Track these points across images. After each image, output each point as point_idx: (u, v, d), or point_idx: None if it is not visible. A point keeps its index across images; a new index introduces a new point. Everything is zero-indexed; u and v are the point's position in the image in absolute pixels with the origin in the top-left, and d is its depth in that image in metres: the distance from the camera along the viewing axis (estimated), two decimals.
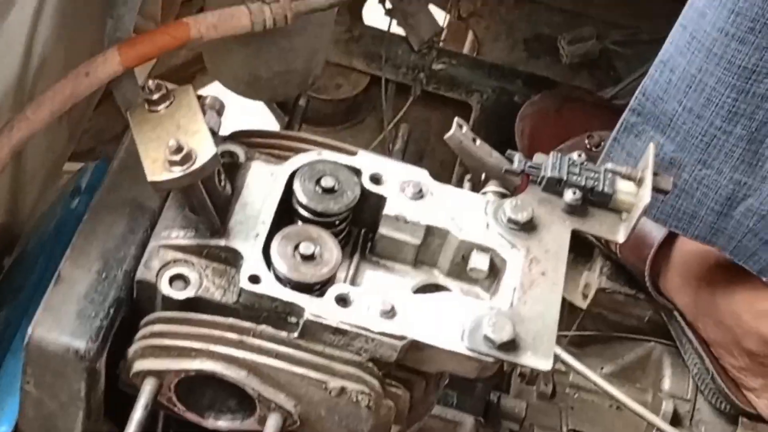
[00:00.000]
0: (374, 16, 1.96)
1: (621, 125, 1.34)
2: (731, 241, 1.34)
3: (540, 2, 1.97)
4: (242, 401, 1.03)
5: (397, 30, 1.95)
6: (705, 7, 1.20)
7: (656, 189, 1.05)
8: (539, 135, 1.76)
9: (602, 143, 1.68)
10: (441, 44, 1.98)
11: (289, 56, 1.42)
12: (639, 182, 1.07)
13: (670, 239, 1.52)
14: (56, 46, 1.33)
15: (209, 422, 1.06)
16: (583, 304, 1.66)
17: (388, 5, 1.93)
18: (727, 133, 1.25)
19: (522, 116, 1.79)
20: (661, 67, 1.28)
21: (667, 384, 1.61)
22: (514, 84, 1.94)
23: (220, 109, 1.08)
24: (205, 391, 1.04)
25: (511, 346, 0.97)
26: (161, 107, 1.02)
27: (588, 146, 1.67)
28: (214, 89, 1.76)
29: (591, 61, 1.96)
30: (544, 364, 0.97)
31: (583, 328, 1.68)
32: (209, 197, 1.02)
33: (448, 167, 2.00)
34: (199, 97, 1.08)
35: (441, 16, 2.05)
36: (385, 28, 1.94)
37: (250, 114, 1.51)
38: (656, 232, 1.51)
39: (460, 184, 1.85)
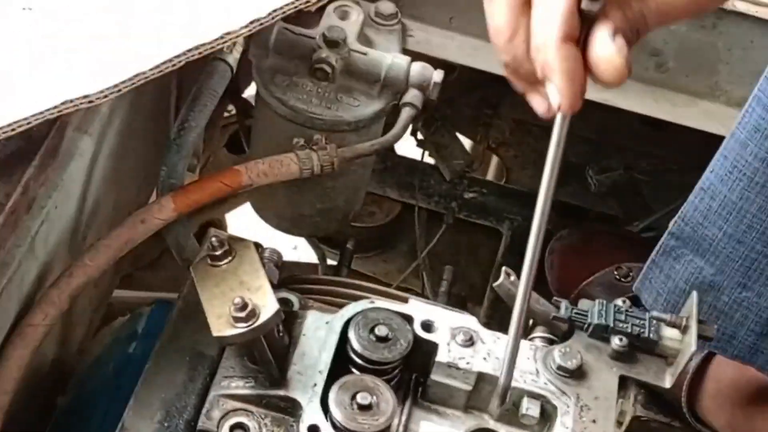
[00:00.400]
0: (406, 146, 2.01)
1: (660, 248, 1.37)
2: None
3: (567, 132, 2.01)
4: None
5: (429, 160, 2.00)
6: (747, 139, 1.26)
7: (701, 336, 1.08)
8: (568, 268, 1.79)
9: (630, 274, 1.71)
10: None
11: (332, 195, 1.46)
12: (683, 329, 1.10)
13: (705, 363, 1.54)
14: (107, 190, 1.39)
15: None
16: None
17: (420, 137, 1.98)
18: None
19: (551, 250, 1.82)
20: (701, 194, 1.32)
21: None
22: None
23: (278, 261, 1.12)
24: None
25: None
26: (224, 262, 1.06)
27: (617, 277, 1.71)
28: (246, 211, 1.81)
29: (619, 189, 2.00)
30: None
31: None
32: (269, 348, 1.05)
33: (478, 291, 2.03)
34: (257, 247, 1.12)
35: (469, 145, 2.10)
36: (417, 158, 1.99)
37: None
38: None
39: (492, 308, 1.89)
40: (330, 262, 1.99)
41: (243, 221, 2.18)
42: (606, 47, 0.88)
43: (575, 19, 0.88)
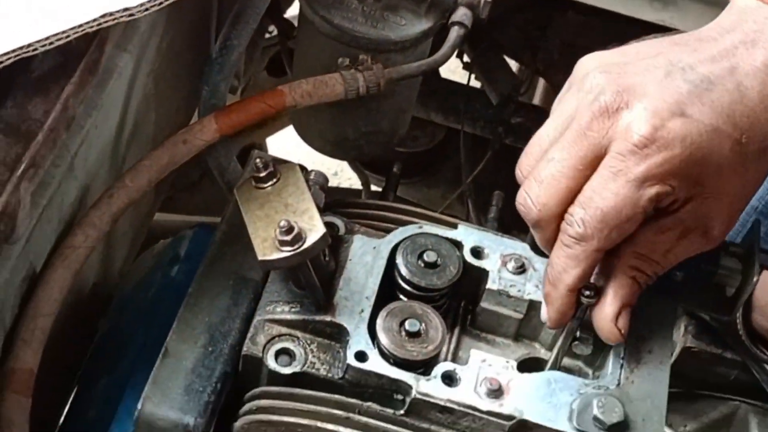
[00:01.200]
0: (452, 68, 1.97)
1: None
2: None
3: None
4: None
5: (476, 83, 1.95)
6: None
7: (763, 266, 1.04)
8: None
9: None
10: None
11: (376, 117, 1.43)
12: (744, 259, 1.06)
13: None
14: (147, 111, 1.36)
15: None
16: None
17: (466, 59, 1.93)
18: None
19: None
20: None
21: None
22: None
23: (324, 184, 1.09)
24: None
25: (621, 427, 0.97)
26: (268, 184, 1.03)
27: None
28: (287, 134, 1.78)
29: None
30: None
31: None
32: (314, 272, 1.02)
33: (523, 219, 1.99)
34: (302, 170, 1.09)
35: (516, 68, 2.04)
36: (463, 82, 1.94)
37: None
38: None
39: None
40: (373, 188, 1.95)
41: (283, 146, 2.16)
42: (607, 325, 0.98)
43: (589, 273, 0.97)
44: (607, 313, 0.98)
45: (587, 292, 0.97)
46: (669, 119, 0.91)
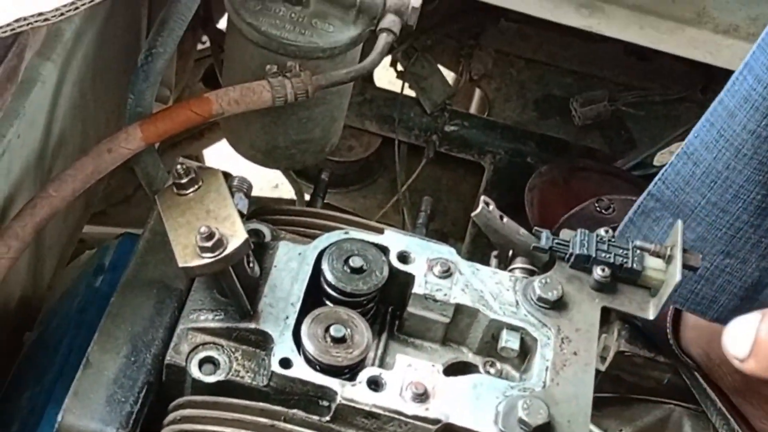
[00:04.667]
0: (386, 77, 1.97)
1: (638, 208, 1.34)
2: None
3: (550, 64, 1.98)
4: None
5: (410, 92, 1.96)
6: (736, 108, 1.21)
7: (686, 266, 1.05)
8: (549, 204, 1.76)
9: (612, 206, 1.68)
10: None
11: (308, 126, 1.42)
12: (668, 259, 1.07)
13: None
14: (74, 122, 1.34)
15: None
16: (602, 367, 1.65)
17: (400, 68, 1.93)
18: (755, 227, 1.25)
19: (531, 187, 1.79)
20: (684, 159, 1.28)
21: None
22: (526, 145, 1.94)
23: (247, 190, 1.08)
24: None
25: (546, 428, 0.97)
26: (190, 191, 1.02)
27: (598, 210, 1.67)
28: (223, 147, 1.76)
29: (603, 122, 1.96)
30: None
31: (600, 390, 1.66)
32: (238, 279, 1.01)
33: (460, 226, 2.00)
34: (226, 176, 1.08)
35: (450, 77, 2.05)
36: (397, 91, 1.94)
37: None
38: None
39: (473, 243, 1.86)
40: (308, 197, 1.95)
41: (223, 162, 2.14)
42: None
43: None
44: None
45: None
46: None
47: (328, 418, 0.99)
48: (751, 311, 0.86)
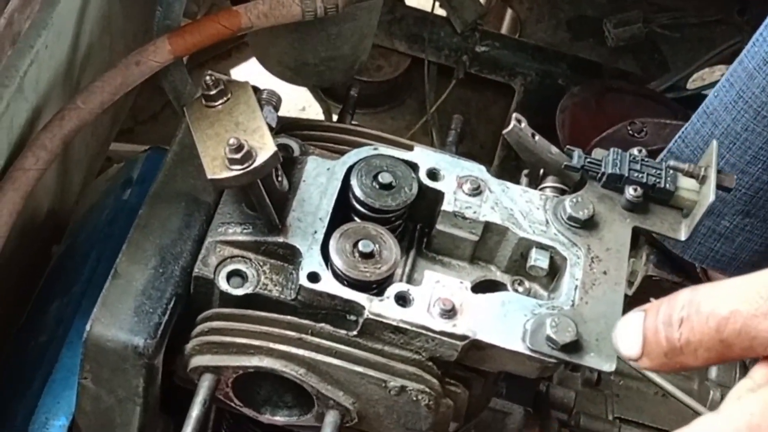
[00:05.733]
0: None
1: None
2: None
3: None
4: (299, 396, 1.03)
5: (440, 11, 1.93)
6: (755, 70, 1.19)
7: (720, 186, 1.04)
8: (580, 126, 1.74)
9: (644, 130, 1.66)
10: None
11: (337, 42, 1.40)
12: (701, 179, 1.05)
13: None
14: (102, 33, 1.33)
15: (265, 417, 1.05)
16: (629, 291, 1.64)
17: None
18: None
19: (562, 108, 1.77)
20: (704, 118, 1.27)
21: (713, 372, 1.59)
22: (558, 67, 1.91)
23: (276, 103, 1.07)
24: (261, 386, 1.04)
25: (574, 347, 0.96)
26: (219, 103, 1.01)
27: (630, 133, 1.65)
28: (251, 67, 1.75)
29: (636, 44, 1.93)
30: (608, 366, 0.96)
31: None
32: (267, 193, 1.01)
33: (488, 149, 1.99)
34: (255, 89, 1.07)
35: None
36: (428, 9, 1.91)
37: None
38: None
39: (501, 166, 1.85)
40: (336, 118, 1.93)
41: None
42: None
43: None
44: None
45: None
46: None
47: (355, 332, 0.98)
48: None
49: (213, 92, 1.01)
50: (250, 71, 1.92)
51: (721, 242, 1.33)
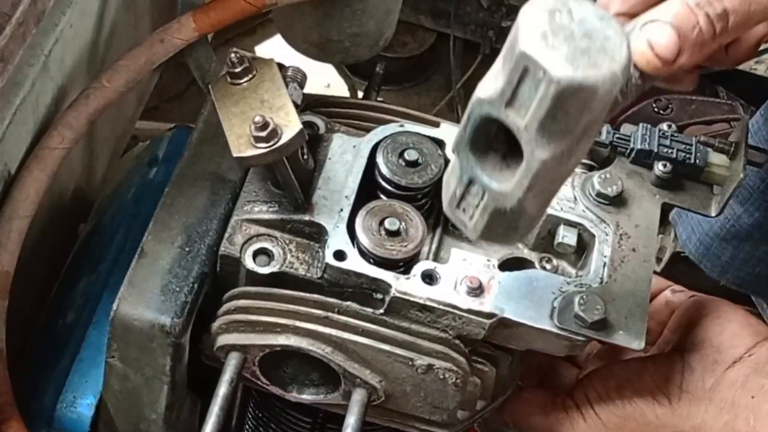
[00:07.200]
0: None
1: None
2: None
3: None
4: (325, 375, 1.03)
5: None
6: None
7: (751, 162, 1.02)
8: None
9: (670, 106, 1.64)
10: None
11: (362, 18, 1.39)
12: (732, 155, 1.04)
13: None
14: (126, 11, 1.32)
15: (292, 395, 1.05)
16: (657, 268, 1.64)
17: None
18: None
19: None
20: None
21: None
22: None
23: (302, 80, 1.06)
24: (287, 364, 1.04)
25: (603, 324, 0.96)
26: (244, 80, 1.00)
27: (655, 109, 1.64)
28: (276, 43, 1.74)
29: None
30: (637, 344, 0.96)
31: None
32: (292, 171, 1.00)
33: None
34: (280, 66, 1.06)
35: None
36: None
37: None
38: None
39: None
40: (361, 95, 1.93)
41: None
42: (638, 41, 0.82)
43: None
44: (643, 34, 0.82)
45: None
46: None
47: (381, 310, 0.98)
48: None
49: (238, 70, 1.00)
50: (275, 48, 1.91)
51: (761, 267, 1.32)
